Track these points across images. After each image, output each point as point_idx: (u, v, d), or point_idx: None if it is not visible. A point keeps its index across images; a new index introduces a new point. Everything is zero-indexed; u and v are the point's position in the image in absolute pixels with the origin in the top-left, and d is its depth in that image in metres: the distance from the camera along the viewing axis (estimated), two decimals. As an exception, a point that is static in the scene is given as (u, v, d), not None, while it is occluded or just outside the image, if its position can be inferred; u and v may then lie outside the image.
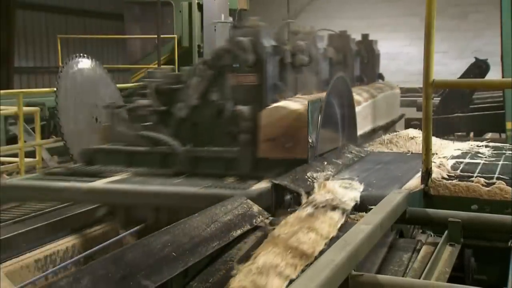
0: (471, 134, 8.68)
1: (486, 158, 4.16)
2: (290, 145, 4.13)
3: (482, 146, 4.61)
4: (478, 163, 3.96)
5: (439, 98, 8.89)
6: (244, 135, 4.38)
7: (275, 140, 4.17)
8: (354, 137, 5.20)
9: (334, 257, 1.97)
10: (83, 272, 2.02)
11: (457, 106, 8.51)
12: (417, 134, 5.57)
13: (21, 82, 15.31)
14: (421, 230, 3.13)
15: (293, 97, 4.74)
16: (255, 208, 3.11)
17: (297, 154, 4.11)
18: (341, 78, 4.94)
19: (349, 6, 17.35)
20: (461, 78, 8.70)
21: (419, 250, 2.72)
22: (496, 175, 3.55)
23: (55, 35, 13.15)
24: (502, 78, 6.66)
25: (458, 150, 4.50)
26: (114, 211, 4.43)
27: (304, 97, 4.73)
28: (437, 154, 4.28)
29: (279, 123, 4.20)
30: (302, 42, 5.28)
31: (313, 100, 4.26)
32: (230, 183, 4.09)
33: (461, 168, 3.80)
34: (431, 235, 2.97)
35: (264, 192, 3.58)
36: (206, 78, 4.64)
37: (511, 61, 6.63)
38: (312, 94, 5.11)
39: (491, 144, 4.71)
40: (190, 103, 4.66)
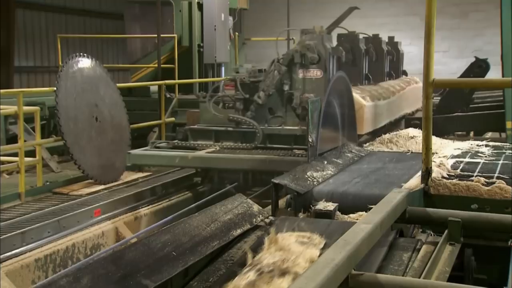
0: (471, 134, 8.67)
1: (486, 157, 4.16)
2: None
3: (482, 145, 4.61)
4: (478, 163, 3.96)
5: (439, 98, 8.88)
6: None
7: None
8: (354, 136, 5.21)
9: (334, 256, 1.97)
10: (83, 271, 2.02)
11: (457, 106, 8.50)
12: (417, 133, 5.57)
13: (21, 82, 15.31)
14: (421, 230, 3.13)
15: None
16: (255, 207, 3.11)
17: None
18: (341, 78, 4.95)
19: (349, 5, 17.33)
20: (461, 77, 8.69)
21: (419, 250, 2.72)
22: (496, 175, 3.55)
23: (55, 35, 13.14)
24: (502, 77, 6.65)
25: (458, 149, 4.49)
26: (210, 176, 6.56)
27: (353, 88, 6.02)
28: (437, 153, 4.28)
29: None
30: (347, 44, 6.83)
31: (313, 99, 4.28)
32: (299, 154, 5.61)
33: (461, 167, 3.80)
34: (431, 235, 2.97)
35: None
36: (280, 73, 6.17)
37: (511, 60, 6.62)
38: (357, 86, 6.73)
39: (491, 143, 4.71)
40: (267, 92, 6.19)
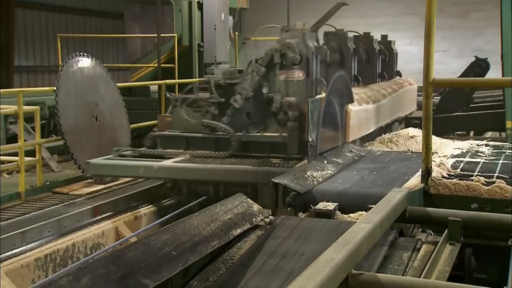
0: (471, 133, 8.68)
1: (486, 157, 4.16)
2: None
3: (482, 145, 4.61)
4: (478, 162, 3.96)
5: (439, 97, 8.88)
6: (291, 123, 5.29)
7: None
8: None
9: (334, 256, 1.97)
10: (83, 271, 2.02)
11: (457, 105, 8.50)
12: (417, 133, 5.57)
13: (21, 81, 15.31)
14: (421, 229, 3.13)
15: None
16: (255, 207, 3.11)
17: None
18: (341, 77, 4.95)
19: (349, 4, 17.33)
20: (461, 77, 8.69)
21: (419, 249, 2.72)
22: (496, 174, 3.55)
23: (55, 34, 13.13)
24: (502, 77, 6.65)
25: (458, 149, 4.50)
26: (180, 187, 5.76)
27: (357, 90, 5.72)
28: (437, 153, 4.28)
29: None
30: (334, 43, 6.17)
31: (313, 99, 4.27)
32: (277, 163, 5.13)
33: (461, 167, 3.80)
34: (431, 234, 2.97)
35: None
36: (259, 74, 5.58)
37: (511, 60, 6.62)
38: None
39: (491, 143, 4.71)
40: (244, 96, 5.60)
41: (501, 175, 3.51)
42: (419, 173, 3.52)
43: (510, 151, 4.33)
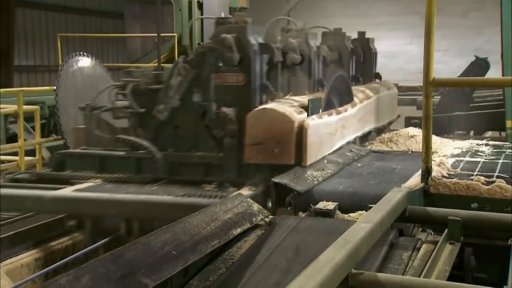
0: (471, 133, 8.67)
1: (486, 156, 4.16)
2: (277, 150, 3.86)
3: (482, 144, 4.61)
4: (478, 162, 3.96)
5: (439, 97, 8.88)
6: (228, 139, 4.17)
7: (262, 144, 3.89)
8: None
9: (334, 255, 1.97)
10: (83, 270, 2.02)
11: (457, 105, 8.50)
12: (417, 132, 5.57)
13: (21, 81, 15.31)
14: (421, 229, 3.13)
15: (284, 98, 4.51)
16: (255, 206, 3.11)
17: (283, 160, 3.85)
18: (341, 76, 4.94)
19: (348, 4, 17.35)
20: (461, 76, 8.69)
21: (419, 249, 2.72)
22: (496, 174, 3.56)
23: (55, 34, 13.14)
24: (502, 76, 6.65)
25: (458, 148, 4.50)
26: (83, 222, 4.10)
27: (295, 98, 4.48)
28: (437, 152, 4.28)
29: (266, 127, 3.89)
30: (294, 40, 4.96)
31: (313, 98, 4.26)
32: (209, 191, 3.91)
33: (461, 166, 3.80)
34: (431, 234, 2.97)
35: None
36: (188, 78, 4.33)
37: (511, 59, 6.62)
38: (304, 94, 4.88)
39: (491, 142, 4.71)
40: (170, 105, 4.34)
41: (501, 175, 3.51)
42: (419, 172, 3.52)
43: (510, 151, 4.33)
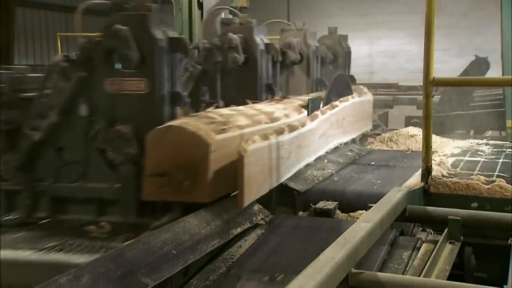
0: (471, 132, 8.67)
1: (486, 156, 4.16)
2: (186, 183, 2.82)
3: (482, 144, 4.61)
4: (478, 161, 3.96)
5: (439, 96, 8.87)
6: (126, 167, 3.08)
7: (167, 175, 2.84)
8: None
9: (334, 255, 1.97)
10: (83, 269, 2.02)
11: (457, 104, 8.50)
12: (417, 132, 5.57)
13: (21, 80, 15.31)
14: (421, 228, 3.13)
15: (207, 110, 3.50)
16: (255, 206, 3.11)
17: (195, 197, 2.82)
18: (341, 76, 4.93)
19: (348, 3, 17.34)
20: (461, 76, 8.69)
21: (419, 248, 2.72)
22: (496, 173, 3.56)
23: (55, 33, 13.13)
24: (502, 75, 6.65)
25: (458, 148, 4.50)
26: None
27: (220, 111, 3.48)
28: (437, 152, 4.28)
29: (172, 151, 2.85)
30: (235, 36, 4.22)
31: (313, 97, 4.25)
32: (96, 239, 2.90)
33: (461, 166, 3.80)
34: (431, 233, 2.97)
35: None
36: (72, 84, 3.18)
37: (511, 59, 6.62)
38: (239, 105, 3.90)
39: (491, 142, 4.71)
40: (50, 120, 3.19)
41: (501, 174, 3.51)
42: (419, 172, 3.52)
43: (510, 150, 4.33)
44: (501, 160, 3.98)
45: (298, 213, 3.37)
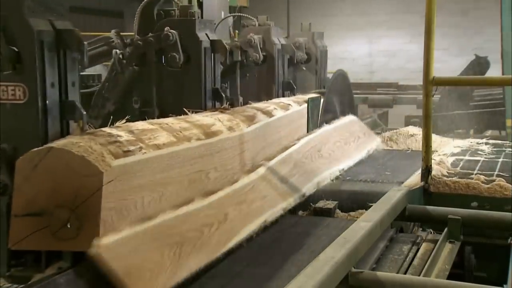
0: (471, 132, 8.67)
1: (486, 155, 4.16)
2: (70, 226, 2.04)
3: (482, 143, 4.61)
4: (478, 161, 3.96)
5: (439, 96, 8.88)
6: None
7: (42, 215, 2.07)
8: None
9: (334, 254, 1.97)
10: (83, 269, 2.02)
11: (457, 104, 8.50)
12: (417, 131, 5.57)
13: (21, 80, 15.32)
14: (421, 227, 3.14)
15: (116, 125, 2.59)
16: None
17: (81, 245, 2.00)
18: (341, 75, 4.92)
19: (348, 2, 17.34)
20: (461, 75, 8.69)
21: (418, 243, 2.73)
22: (496, 172, 3.56)
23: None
24: (502, 75, 6.65)
25: (458, 147, 4.50)
26: None
27: (135, 125, 2.58)
28: (437, 151, 4.28)
29: (52, 182, 2.08)
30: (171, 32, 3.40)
31: (313, 97, 4.23)
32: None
33: (461, 165, 3.80)
34: (431, 232, 2.97)
35: None
36: None
37: (511, 58, 6.62)
38: (179, 115, 3.08)
39: (491, 141, 4.71)
40: None
41: (501, 174, 3.51)
42: (419, 171, 3.52)
43: (510, 150, 4.33)
44: (501, 159, 3.98)
45: (298, 212, 3.37)
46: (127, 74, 3.56)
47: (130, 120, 2.65)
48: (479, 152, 4.28)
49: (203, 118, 3.07)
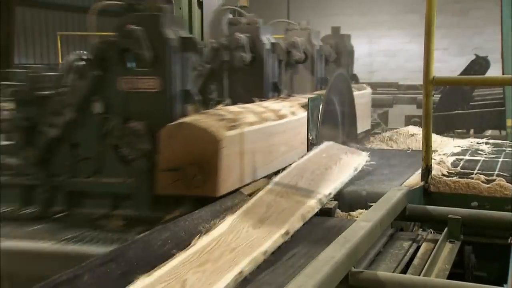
0: (471, 131, 8.67)
1: (486, 155, 4.16)
2: (198, 178, 3.01)
3: (482, 143, 4.61)
4: (478, 160, 3.96)
5: (439, 95, 8.88)
6: (139, 162, 3.24)
7: (178, 170, 3.04)
8: (354, 134, 5.19)
9: (334, 254, 1.97)
10: (83, 269, 2.02)
11: (457, 103, 8.50)
12: (417, 131, 5.57)
13: (21, 79, 15.30)
14: (421, 227, 3.13)
15: (217, 107, 3.72)
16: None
17: (206, 191, 3.01)
18: (341, 75, 4.93)
19: (348, 2, 17.34)
20: (461, 75, 8.69)
21: (418, 241, 2.73)
22: (496, 172, 3.56)
23: (55, 32, 13.13)
24: (502, 75, 6.65)
25: (458, 147, 4.50)
26: None
27: (229, 109, 3.62)
28: (437, 151, 4.28)
29: (184, 147, 3.04)
30: (242, 36, 4.38)
31: (313, 97, 4.24)
32: (111, 232, 3.14)
33: (461, 165, 3.80)
34: (431, 232, 2.97)
35: None
36: (88, 82, 3.35)
37: (511, 58, 6.62)
38: (245, 103, 4.05)
39: (491, 141, 4.71)
40: (66, 117, 3.38)
41: (501, 173, 3.51)
42: (419, 171, 3.52)
43: (510, 149, 4.33)
44: (501, 159, 3.98)
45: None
46: (204, 71, 4.32)
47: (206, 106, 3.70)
48: (479, 151, 4.28)
49: (271, 104, 4.00)
